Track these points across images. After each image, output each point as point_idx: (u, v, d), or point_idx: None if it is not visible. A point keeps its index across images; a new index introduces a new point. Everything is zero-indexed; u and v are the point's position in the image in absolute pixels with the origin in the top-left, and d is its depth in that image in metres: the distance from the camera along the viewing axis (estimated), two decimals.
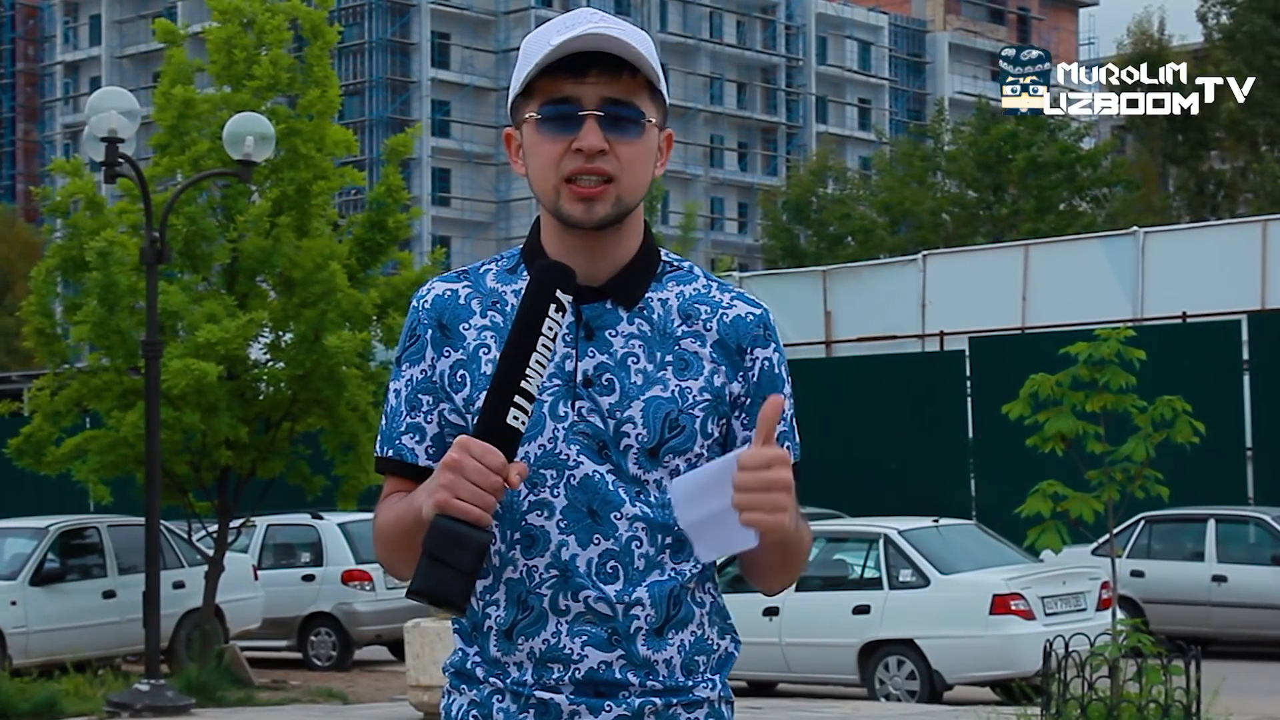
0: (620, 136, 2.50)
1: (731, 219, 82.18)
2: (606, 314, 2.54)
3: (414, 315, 2.61)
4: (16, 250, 57.99)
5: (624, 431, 2.50)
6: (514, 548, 2.51)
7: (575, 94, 2.50)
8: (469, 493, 2.31)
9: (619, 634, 2.48)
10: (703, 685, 2.55)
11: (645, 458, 2.50)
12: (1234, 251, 26.06)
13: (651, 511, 2.50)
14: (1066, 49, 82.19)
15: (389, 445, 2.60)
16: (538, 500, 2.50)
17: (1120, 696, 10.05)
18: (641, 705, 2.50)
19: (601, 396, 2.50)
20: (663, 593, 2.50)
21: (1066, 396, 10.39)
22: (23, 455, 17.24)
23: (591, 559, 2.48)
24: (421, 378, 2.58)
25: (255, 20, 17.40)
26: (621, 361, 2.52)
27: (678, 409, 2.51)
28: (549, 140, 2.52)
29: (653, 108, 2.55)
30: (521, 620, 2.50)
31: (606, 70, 2.50)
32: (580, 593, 2.48)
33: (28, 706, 14.36)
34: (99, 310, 16.31)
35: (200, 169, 16.71)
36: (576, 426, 2.50)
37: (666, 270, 2.60)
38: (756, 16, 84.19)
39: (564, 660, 2.49)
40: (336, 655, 19.73)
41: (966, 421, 22.38)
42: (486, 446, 2.32)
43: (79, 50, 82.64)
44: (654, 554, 2.51)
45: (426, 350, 2.58)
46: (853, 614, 15.20)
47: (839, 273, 31.07)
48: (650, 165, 2.56)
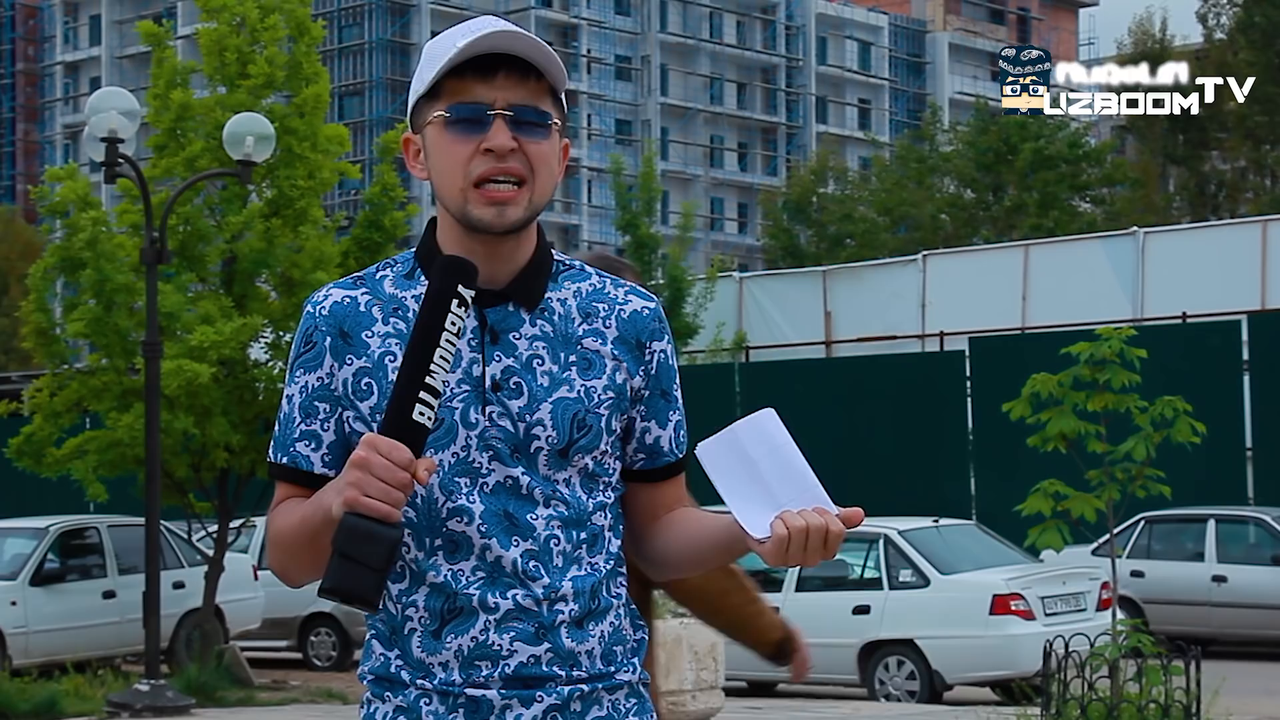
0: (529, 137, 2.51)
1: (731, 219, 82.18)
2: (509, 317, 2.54)
3: (310, 321, 2.58)
4: (16, 250, 57.99)
5: (534, 434, 2.51)
6: (435, 554, 2.51)
7: (484, 96, 2.51)
8: (378, 490, 2.30)
9: (545, 627, 2.50)
10: (623, 669, 2.58)
11: (556, 458, 2.52)
12: (1234, 251, 26.08)
13: (565, 510, 2.52)
14: (1066, 49, 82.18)
15: (283, 452, 2.58)
16: (455, 507, 2.50)
17: (1120, 697, 10.05)
18: (570, 693, 2.52)
19: (510, 400, 2.51)
20: (584, 586, 2.53)
21: (1068, 396, 10.39)
22: (23, 455, 17.23)
23: (515, 558, 2.49)
24: (318, 385, 2.56)
25: (246, 19, 17.40)
26: (527, 364, 2.53)
27: (584, 409, 2.53)
28: (457, 141, 2.52)
29: (557, 113, 2.57)
30: (450, 620, 2.50)
31: (514, 73, 2.52)
32: (509, 591, 2.49)
33: (28, 706, 14.36)
34: (94, 308, 16.31)
35: (195, 169, 16.71)
36: (488, 432, 2.50)
37: (560, 270, 2.62)
38: (756, 16, 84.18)
39: (493, 657, 2.49)
40: (336, 655, 19.72)
41: (966, 421, 22.37)
42: (393, 443, 2.31)
43: (79, 50, 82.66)
44: (571, 550, 2.53)
45: (325, 358, 2.56)
46: (853, 614, 15.20)
47: (839, 273, 31.08)
48: (557, 166, 2.57)
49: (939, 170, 52.59)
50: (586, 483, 2.55)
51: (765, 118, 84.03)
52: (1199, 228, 33.01)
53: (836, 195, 55.61)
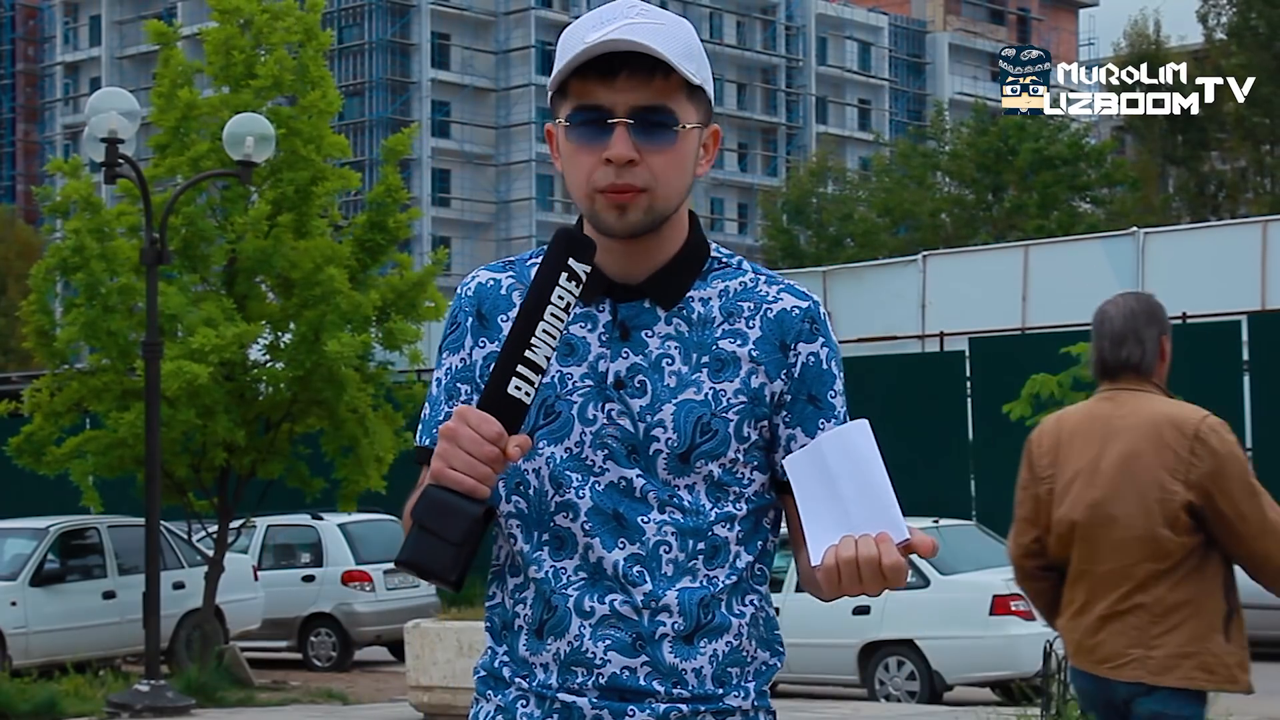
0: (652, 144, 2.42)
1: (731, 219, 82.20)
2: (644, 314, 2.47)
3: (457, 302, 2.56)
4: (15, 251, 58.00)
5: (654, 435, 2.42)
6: (541, 549, 2.45)
7: (605, 100, 2.41)
8: (463, 462, 2.25)
9: (643, 639, 2.41)
10: (735, 694, 2.47)
11: (676, 462, 2.43)
12: (1234, 252, 26.06)
13: (682, 518, 2.43)
14: (1066, 49, 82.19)
15: (427, 434, 2.54)
16: (563, 501, 2.44)
17: None
18: (667, 711, 2.43)
19: (633, 399, 2.43)
20: (693, 599, 2.43)
21: (1068, 396, 10.39)
22: (23, 454, 17.23)
23: (618, 561, 2.41)
24: (460, 366, 2.54)
25: (253, 21, 17.40)
26: (655, 363, 2.45)
27: (710, 412, 2.44)
28: (580, 149, 2.44)
29: (690, 108, 2.45)
30: (548, 620, 2.44)
31: (639, 71, 2.40)
32: (606, 596, 2.42)
33: (28, 707, 14.36)
34: (88, 311, 16.31)
35: (199, 169, 16.71)
36: (604, 430, 2.43)
37: (714, 268, 2.53)
38: (756, 17, 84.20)
39: (586, 664, 2.42)
40: (336, 656, 19.73)
41: (966, 421, 22.36)
42: (484, 415, 2.26)
43: (79, 51, 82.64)
44: (684, 560, 2.43)
45: (465, 338, 2.54)
46: (853, 614, 15.20)
47: (839, 273, 31.07)
48: (688, 169, 2.47)
49: (941, 169, 52.61)
50: (713, 491, 2.45)
51: (765, 118, 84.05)
52: (1199, 228, 33.00)
53: (836, 195, 55.64)
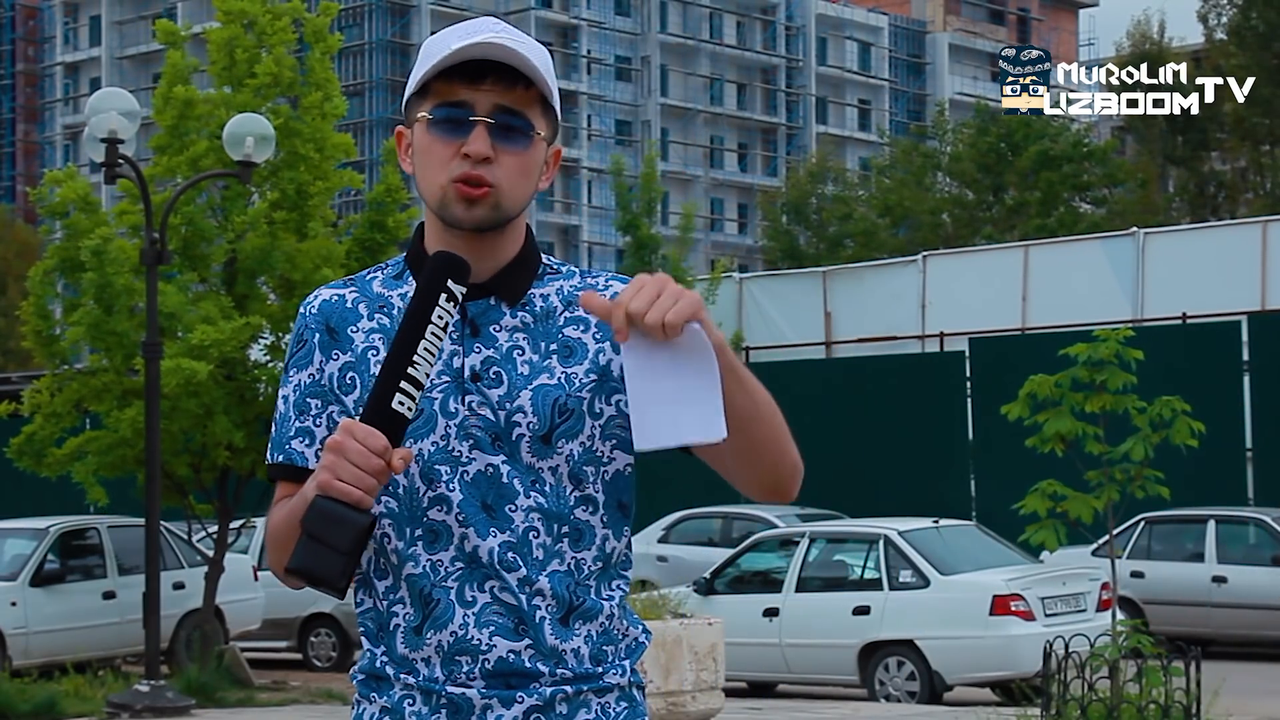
0: (508, 146, 2.56)
1: (731, 220, 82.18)
2: (490, 310, 2.58)
3: (301, 321, 2.65)
4: (14, 251, 58.01)
5: (515, 421, 2.53)
6: (415, 544, 2.53)
7: (469, 99, 2.55)
8: (350, 474, 2.33)
9: (525, 622, 2.50)
10: (613, 671, 2.57)
11: (539, 445, 2.53)
12: (1234, 252, 26.07)
13: (546, 501, 2.53)
14: (1066, 49, 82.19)
15: (279, 451, 2.63)
16: (436, 496, 2.52)
17: (1120, 697, 10.05)
18: (553, 694, 2.52)
19: (490, 389, 2.54)
20: (563, 582, 2.53)
21: (1066, 397, 10.39)
22: (23, 456, 17.24)
23: (493, 549, 2.50)
24: (309, 381, 2.62)
25: (256, 22, 17.40)
26: (507, 354, 2.56)
27: (565, 394, 2.55)
28: (439, 142, 2.57)
29: (544, 121, 2.60)
30: (430, 613, 2.52)
31: (502, 80, 2.55)
32: (486, 583, 2.50)
33: (28, 707, 14.36)
34: (95, 311, 16.32)
35: (199, 169, 16.71)
36: (468, 421, 2.52)
37: (547, 272, 2.65)
38: (756, 17, 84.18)
39: (472, 652, 2.50)
40: (337, 656, 19.72)
41: (966, 422, 22.38)
42: (369, 429, 2.34)
43: (79, 51, 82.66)
44: (551, 543, 2.53)
45: (314, 354, 2.62)
46: (853, 615, 15.20)
47: (839, 273, 31.08)
48: (534, 177, 2.61)
49: (942, 170, 52.60)
50: (575, 473, 2.55)
51: (765, 118, 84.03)
52: (1199, 228, 33.01)
53: (836, 194, 55.63)
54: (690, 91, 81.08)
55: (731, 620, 14.07)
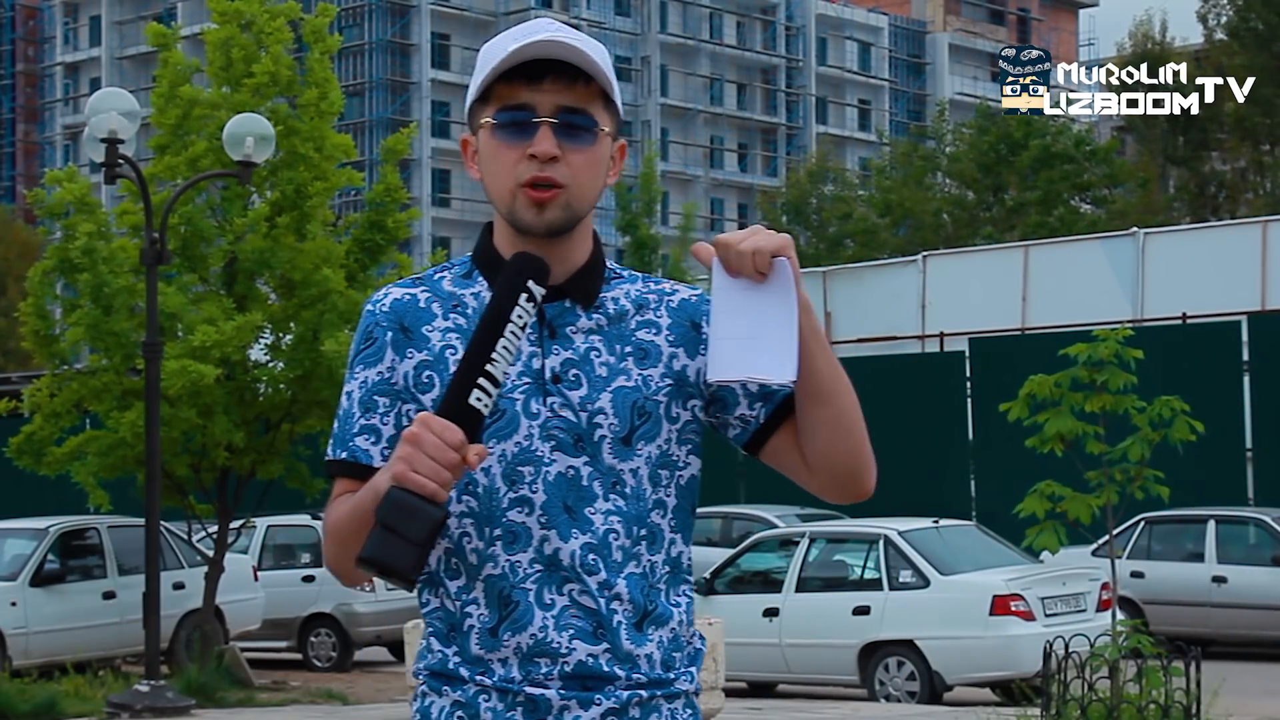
0: (573, 144, 2.56)
1: (731, 220, 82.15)
2: (566, 313, 2.59)
3: (370, 319, 2.63)
4: (15, 251, 58.01)
5: (596, 423, 2.55)
6: (494, 544, 2.54)
7: (530, 100, 2.56)
8: (426, 466, 2.33)
9: (603, 626, 2.52)
10: (682, 678, 2.62)
11: (620, 446, 2.55)
12: (1234, 252, 26.07)
13: (626, 504, 2.55)
14: (1066, 49, 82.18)
15: (341, 447, 2.62)
16: (517, 497, 2.53)
17: (1120, 697, 10.05)
18: (629, 698, 2.55)
19: (571, 391, 2.55)
20: (638, 586, 2.55)
21: (1066, 397, 10.39)
22: (23, 455, 17.24)
23: (575, 551, 2.52)
24: (378, 379, 2.61)
25: (254, 22, 17.40)
26: (585, 356, 2.57)
27: (643, 396, 2.57)
28: (505, 146, 2.57)
29: (606, 117, 2.60)
30: (506, 615, 2.53)
31: (562, 78, 2.56)
32: (565, 585, 2.52)
33: (28, 707, 14.36)
34: (93, 312, 16.31)
35: (198, 169, 16.71)
36: (550, 423, 2.54)
37: (612, 276, 2.67)
38: (756, 17, 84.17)
39: (552, 654, 2.51)
40: (336, 656, 19.72)
41: (966, 422, 22.38)
42: (446, 423, 2.34)
43: (79, 51, 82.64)
44: (630, 546, 2.55)
45: (385, 352, 2.61)
46: (853, 615, 15.20)
47: (839, 273, 31.09)
48: (602, 174, 2.61)
49: (942, 169, 52.59)
50: (653, 475, 2.57)
51: (765, 118, 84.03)
52: (1199, 228, 33.01)
53: (836, 194, 55.62)
54: (690, 91, 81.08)
55: (731, 620, 14.07)
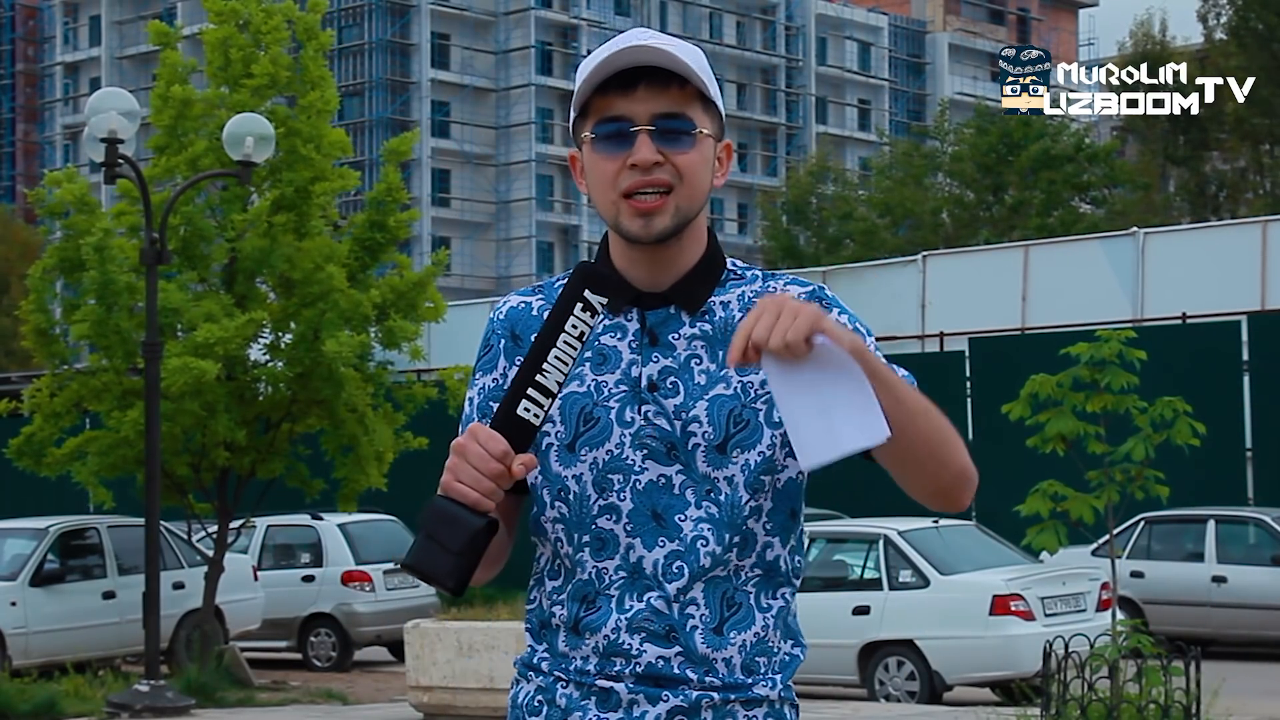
0: (673, 148, 2.55)
1: (731, 220, 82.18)
2: (670, 320, 2.59)
3: (490, 326, 2.70)
4: (15, 251, 58.00)
5: (690, 431, 2.54)
6: (583, 550, 2.57)
7: (627, 111, 2.56)
8: (469, 476, 2.37)
9: (676, 630, 2.53)
10: (763, 683, 2.58)
11: (714, 454, 2.55)
12: (1234, 252, 26.05)
13: (719, 511, 2.55)
14: (1066, 49, 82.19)
15: None
16: (606, 504, 2.56)
17: (1120, 697, 10.05)
18: (699, 699, 2.54)
19: (667, 399, 2.56)
20: (719, 590, 2.55)
21: (1067, 397, 10.38)
22: (23, 456, 17.24)
23: (658, 560, 2.54)
24: (493, 386, 2.66)
25: (251, 21, 17.40)
26: (685, 364, 2.57)
27: (740, 404, 2.55)
28: (605, 159, 2.57)
29: (705, 118, 2.60)
30: (584, 617, 2.57)
31: (655, 84, 2.56)
32: (645, 594, 2.54)
33: (28, 707, 14.36)
34: (97, 309, 16.32)
35: (198, 169, 16.71)
36: (643, 431, 2.55)
37: (730, 278, 2.65)
38: (756, 17, 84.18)
39: (624, 655, 2.54)
40: (336, 656, 19.73)
41: (966, 422, 22.35)
42: (492, 434, 2.38)
43: (79, 51, 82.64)
44: (720, 552, 2.54)
45: (499, 359, 2.67)
46: (852, 615, 15.20)
47: (839, 273, 31.07)
48: (708, 174, 2.60)
49: (942, 169, 52.58)
50: (750, 483, 2.55)
51: (765, 118, 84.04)
52: (1199, 228, 33.00)
53: (837, 194, 55.61)
54: None
55: None
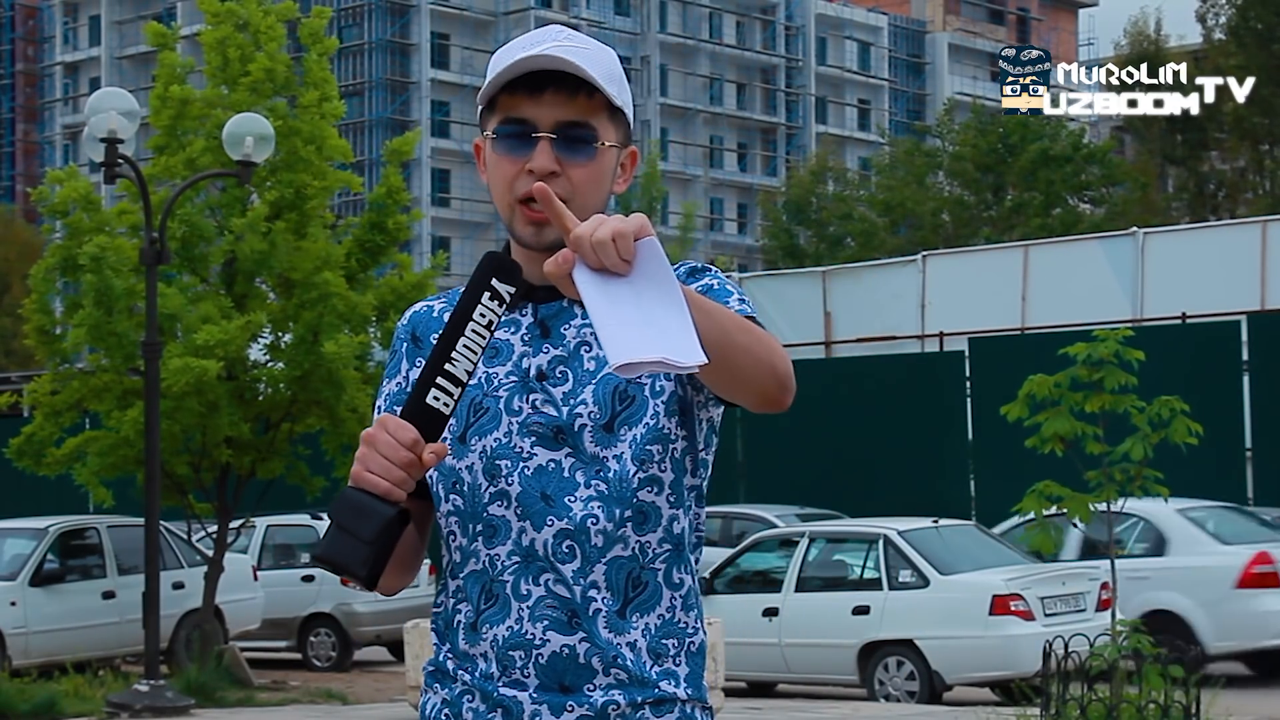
0: (573, 158, 2.53)
1: (731, 219, 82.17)
2: (562, 312, 2.59)
3: (396, 333, 2.73)
4: (15, 251, 57.98)
5: (576, 413, 2.53)
6: (477, 540, 2.55)
7: (531, 114, 2.53)
8: (379, 465, 2.34)
9: (578, 615, 2.50)
10: (668, 680, 2.52)
11: (601, 434, 2.52)
12: (1234, 252, 26.04)
13: (608, 487, 2.52)
14: (1066, 49, 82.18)
15: None
16: (496, 491, 2.54)
17: (1120, 697, 10.05)
18: (605, 705, 2.50)
19: (555, 387, 2.55)
20: (623, 568, 2.52)
21: (1065, 397, 10.39)
22: (23, 456, 17.24)
23: (548, 540, 2.51)
24: (396, 390, 2.68)
25: (249, 22, 17.40)
26: (574, 351, 2.57)
27: (626, 381, 2.54)
28: (504, 160, 2.56)
29: (610, 127, 2.57)
30: (485, 610, 2.54)
31: (563, 89, 2.52)
32: (541, 576, 2.51)
33: (27, 707, 14.36)
34: (95, 313, 16.32)
35: (196, 168, 16.70)
36: (530, 419, 2.54)
37: None
38: (756, 17, 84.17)
39: (525, 646, 2.50)
40: (336, 656, 19.73)
41: (966, 422, 22.35)
42: (401, 423, 2.35)
43: (79, 51, 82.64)
44: (613, 529, 2.51)
45: (401, 362, 2.69)
46: (852, 615, 15.20)
47: (839, 273, 31.06)
48: (605, 186, 2.58)
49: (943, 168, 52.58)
50: (638, 455, 2.52)
51: (765, 118, 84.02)
52: (1199, 228, 32.99)
53: (837, 194, 55.62)
54: (690, 91, 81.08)
55: (731, 620, 14.07)
